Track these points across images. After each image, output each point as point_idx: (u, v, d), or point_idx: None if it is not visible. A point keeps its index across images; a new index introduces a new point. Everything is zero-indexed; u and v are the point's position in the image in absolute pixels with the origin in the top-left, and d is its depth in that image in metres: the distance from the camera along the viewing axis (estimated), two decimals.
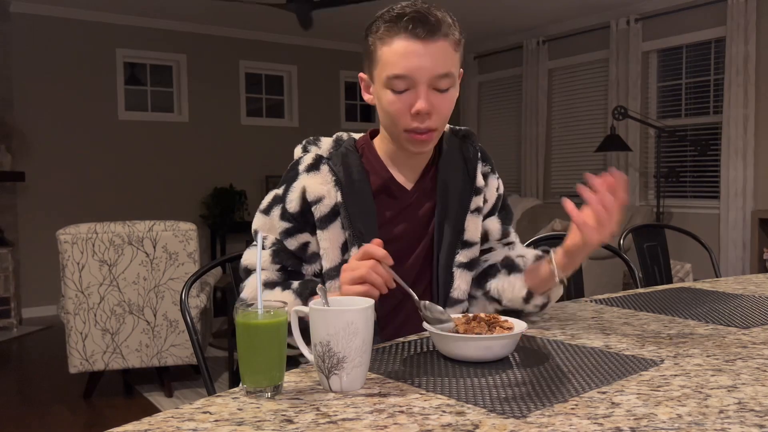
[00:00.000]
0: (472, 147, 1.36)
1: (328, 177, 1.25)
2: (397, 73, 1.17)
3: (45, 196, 5.47)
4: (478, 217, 1.33)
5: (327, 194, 1.24)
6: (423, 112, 1.17)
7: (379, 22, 1.19)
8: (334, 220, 1.24)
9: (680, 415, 0.77)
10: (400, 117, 1.20)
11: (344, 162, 1.26)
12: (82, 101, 5.62)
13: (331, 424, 0.76)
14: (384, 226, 1.27)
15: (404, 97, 1.18)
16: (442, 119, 1.22)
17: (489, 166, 1.38)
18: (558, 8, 5.60)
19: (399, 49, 1.16)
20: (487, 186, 1.36)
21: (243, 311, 0.89)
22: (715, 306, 1.46)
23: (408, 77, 1.17)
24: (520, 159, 6.55)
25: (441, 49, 1.17)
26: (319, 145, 1.30)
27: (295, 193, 1.24)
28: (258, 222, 1.28)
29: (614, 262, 4.78)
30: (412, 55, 1.16)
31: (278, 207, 1.25)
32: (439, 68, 1.17)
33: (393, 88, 1.18)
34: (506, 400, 0.83)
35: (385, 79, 1.18)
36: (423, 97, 1.17)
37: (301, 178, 1.25)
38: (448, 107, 1.22)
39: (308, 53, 6.73)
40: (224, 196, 6.11)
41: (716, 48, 5.04)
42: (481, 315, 1.08)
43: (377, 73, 1.21)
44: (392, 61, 1.17)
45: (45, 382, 3.65)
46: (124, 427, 0.75)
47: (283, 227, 1.24)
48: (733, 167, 4.80)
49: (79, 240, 3.09)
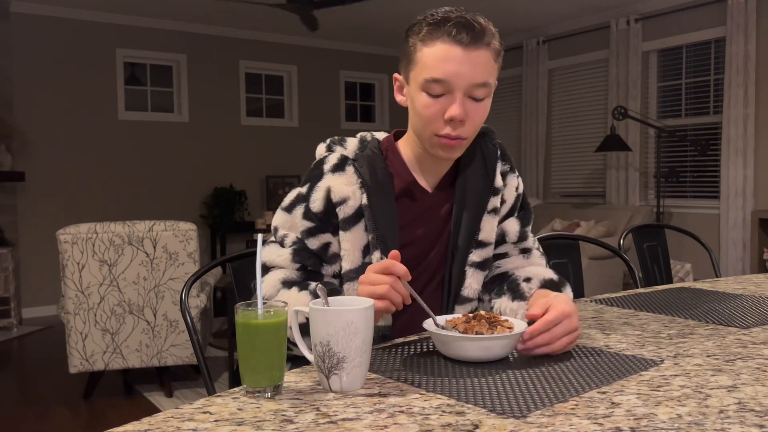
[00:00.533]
0: (492, 144, 1.35)
1: (354, 178, 1.24)
2: (435, 77, 1.15)
3: (45, 196, 5.47)
4: (494, 218, 1.32)
5: (352, 195, 1.23)
6: (457, 119, 1.16)
7: (422, 24, 1.18)
8: (357, 222, 1.23)
9: (680, 415, 0.77)
10: (432, 121, 1.19)
11: (370, 164, 1.25)
12: (82, 101, 5.62)
13: (331, 424, 0.76)
14: (405, 228, 1.27)
15: (440, 101, 1.17)
16: (474, 129, 1.21)
17: (508, 164, 1.36)
18: (558, 8, 5.60)
19: (440, 52, 1.15)
20: (506, 186, 1.35)
21: (243, 311, 0.89)
22: (715, 306, 1.46)
23: (446, 82, 1.15)
24: (520, 159, 6.55)
25: (482, 57, 1.16)
26: (345, 145, 1.29)
27: (319, 192, 1.23)
28: (279, 219, 1.26)
29: (614, 262, 4.79)
30: (453, 60, 1.14)
31: (301, 206, 1.24)
32: (478, 77, 1.16)
33: (429, 92, 1.17)
34: (506, 400, 0.83)
35: (423, 82, 1.17)
36: (459, 103, 1.16)
37: (327, 177, 1.24)
38: (481, 117, 1.21)
39: (308, 53, 6.73)
40: (224, 196, 6.11)
41: (716, 48, 5.04)
42: (481, 313, 1.08)
43: (414, 75, 1.20)
44: (432, 65, 1.16)
45: (45, 382, 3.65)
46: (124, 427, 0.75)
47: (306, 226, 1.23)
48: (733, 167, 4.80)
49: (79, 240, 3.09)
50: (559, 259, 1.92)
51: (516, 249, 1.36)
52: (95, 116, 5.69)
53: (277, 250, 1.23)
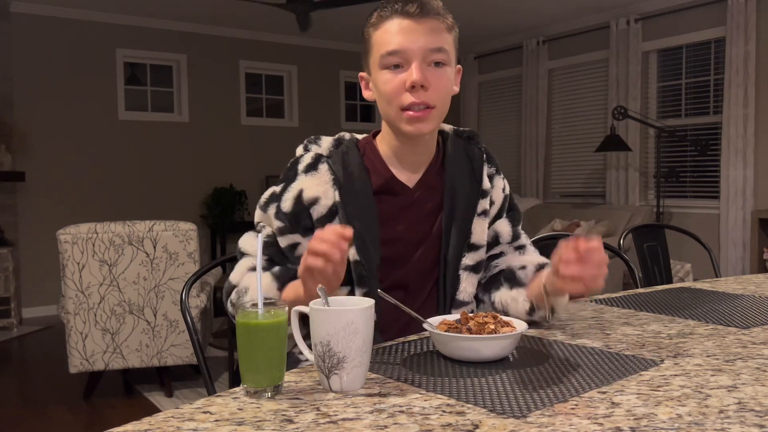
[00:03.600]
0: (477, 148, 1.36)
1: (327, 176, 1.24)
2: (390, 50, 1.19)
3: (45, 196, 5.47)
4: (485, 220, 1.32)
5: (324, 195, 1.23)
6: (418, 83, 1.18)
7: (373, 13, 1.23)
8: (332, 219, 1.23)
9: (680, 415, 0.77)
10: (395, 95, 1.20)
11: (344, 161, 1.26)
12: (82, 101, 5.62)
13: (332, 424, 0.76)
14: (386, 224, 1.27)
15: (399, 73, 1.20)
16: (439, 96, 1.22)
17: (494, 167, 1.37)
18: (558, 8, 5.60)
19: (391, 27, 1.20)
20: (493, 187, 1.35)
21: (243, 311, 0.89)
22: (715, 306, 1.46)
23: (400, 51, 1.19)
24: (520, 159, 6.55)
25: (433, 26, 1.20)
26: (320, 144, 1.30)
27: (290, 193, 1.24)
28: (257, 216, 1.30)
29: (614, 262, 4.78)
30: (405, 31, 1.19)
31: (274, 205, 1.26)
32: (431, 42, 1.19)
33: (388, 65, 1.20)
34: (506, 400, 0.83)
35: (380, 59, 1.21)
36: (417, 68, 1.18)
37: (300, 179, 1.25)
38: (444, 84, 1.22)
39: (308, 53, 6.73)
40: (224, 196, 6.11)
41: (716, 48, 5.04)
42: (481, 314, 1.08)
43: (372, 59, 1.24)
44: (385, 40, 1.20)
45: (45, 382, 3.65)
46: (124, 427, 0.75)
47: (277, 225, 1.25)
48: (733, 167, 4.80)
49: (79, 240, 3.09)
50: None
51: (511, 248, 1.38)
52: (95, 116, 5.69)
53: (252, 239, 1.28)
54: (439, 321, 1.08)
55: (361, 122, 7.19)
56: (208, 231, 6.21)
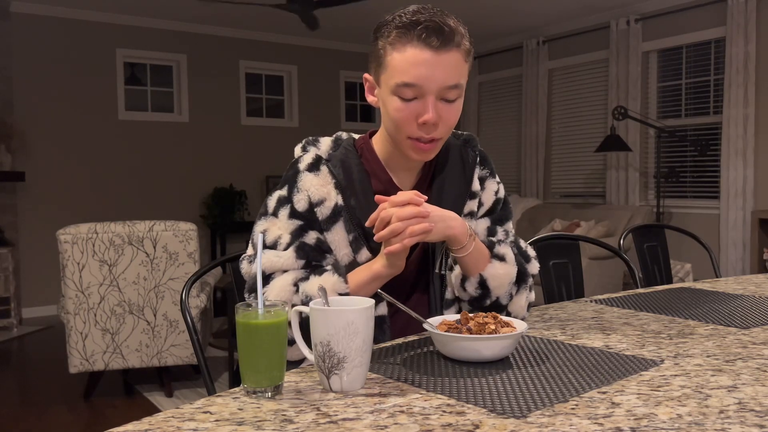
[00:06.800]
0: (472, 152, 1.36)
1: (328, 179, 1.24)
2: (406, 81, 1.15)
3: (45, 196, 5.47)
4: (470, 222, 1.32)
5: (327, 196, 1.23)
6: (430, 123, 1.17)
7: (391, 27, 1.17)
8: (336, 221, 1.23)
9: (680, 415, 0.77)
10: (405, 125, 1.18)
11: (343, 164, 1.25)
12: (82, 101, 5.62)
13: (332, 424, 0.76)
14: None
15: (412, 105, 1.17)
16: (447, 129, 1.21)
17: (488, 169, 1.36)
18: (558, 8, 5.60)
19: (410, 57, 1.14)
20: (484, 190, 1.35)
21: (243, 311, 0.89)
22: (715, 306, 1.46)
23: (417, 86, 1.15)
24: (520, 159, 6.55)
25: (453, 59, 1.16)
26: (318, 145, 1.29)
27: (302, 194, 1.22)
28: (263, 225, 1.23)
29: (614, 262, 4.78)
30: (424, 64, 1.14)
31: (286, 207, 1.23)
32: (449, 79, 1.16)
33: (401, 96, 1.17)
34: (506, 400, 0.83)
35: (394, 86, 1.17)
36: (431, 107, 1.16)
37: (305, 179, 1.24)
38: (454, 118, 1.21)
39: (308, 53, 6.73)
40: (224, 196, 6.11)
41: (716, 48, 5.04)
42: (481, 314, 1.08)
43: (385, 78, 1.19)
44: (402, 69, 1.15)
45: (45, 382, 3.65)
46: (125, 427, 0.75)
47: (295, 225, 1.21)
48: (733, 167, 4.80)
49: (79, 240, 3.09)
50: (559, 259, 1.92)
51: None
52: (95, 116, 5.69)
53: (274, 254, 1.19)
54: (439, 321, 1.08)
55: (361, 122, 7.19)
56: (208, 231, 6.21)
